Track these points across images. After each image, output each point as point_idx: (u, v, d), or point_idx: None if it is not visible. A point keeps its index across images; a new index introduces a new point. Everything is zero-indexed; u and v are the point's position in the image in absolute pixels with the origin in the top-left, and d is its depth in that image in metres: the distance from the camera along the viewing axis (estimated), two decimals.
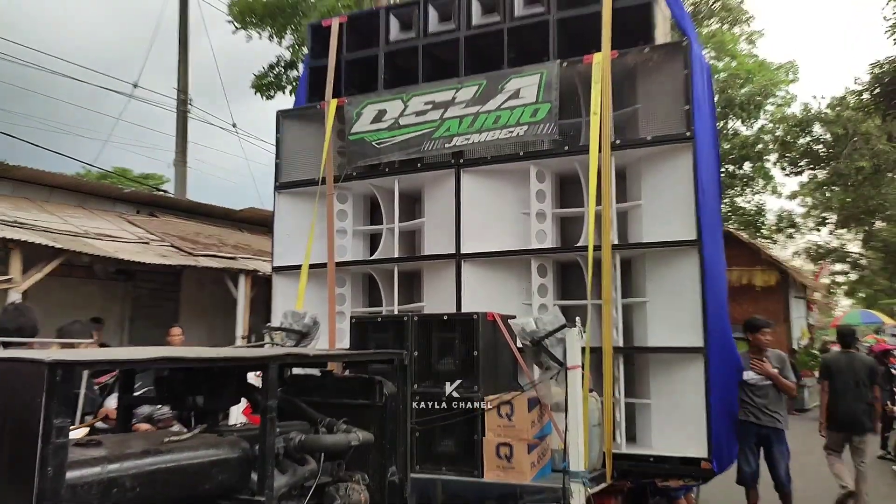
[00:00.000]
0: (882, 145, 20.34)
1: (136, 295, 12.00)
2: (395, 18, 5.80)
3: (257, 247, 13.24)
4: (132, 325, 11.80)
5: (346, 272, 5.75)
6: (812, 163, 23.32)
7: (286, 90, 18.86)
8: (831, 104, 22.25)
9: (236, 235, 13.75)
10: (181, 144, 18.29)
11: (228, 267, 10.88)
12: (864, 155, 20.95)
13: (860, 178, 21.87)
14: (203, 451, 2.61)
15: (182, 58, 18.45)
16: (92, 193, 12.06)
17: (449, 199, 5.34)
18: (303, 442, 3.04)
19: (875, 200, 22.74)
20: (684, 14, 5.14)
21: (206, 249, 11.35)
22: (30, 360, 2.01)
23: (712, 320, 4.55)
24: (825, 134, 22.49)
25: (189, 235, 11.99)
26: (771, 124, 27.92)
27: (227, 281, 11.06)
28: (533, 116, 5.00)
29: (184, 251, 10.77)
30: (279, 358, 2.92)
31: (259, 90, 18.79)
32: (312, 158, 5.93)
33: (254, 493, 2.76)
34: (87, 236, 9.83)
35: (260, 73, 18.81)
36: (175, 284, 12.55)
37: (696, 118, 4.64)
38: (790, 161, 23.62)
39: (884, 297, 38.02)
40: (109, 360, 2.63)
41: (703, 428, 4.43)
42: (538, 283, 5.05)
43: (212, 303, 12.51)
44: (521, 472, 4.21)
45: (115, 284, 11.52)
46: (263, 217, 14.93)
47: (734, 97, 24.08)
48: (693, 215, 4.57)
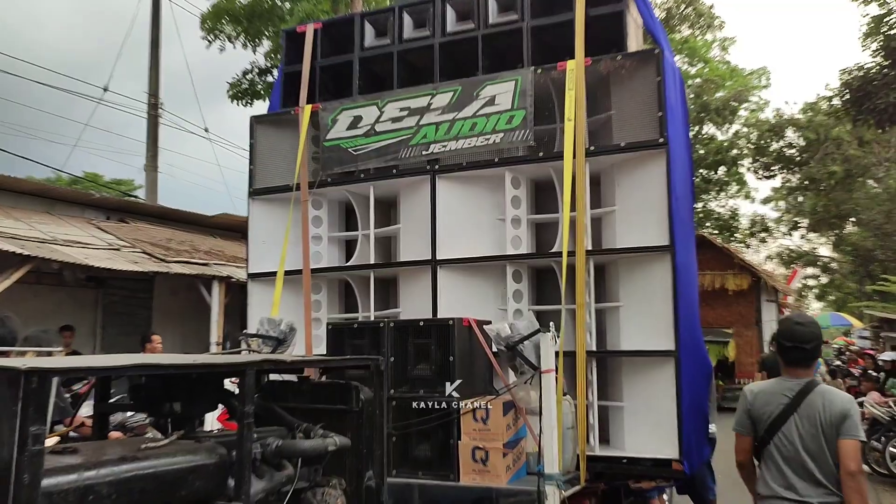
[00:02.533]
0: (853, 150, 20.85)
1: (108, 302, 11.93)
2: (369, 25, 5.82)
3: (231, 253, 13.28)
4: (104, 332, 11.74)
5: (321, 278, 5.75)
6: (785, 167, 23.85)
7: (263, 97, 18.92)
8: (803, 109, 22.79)
9: (209, 241, 13.72)
10: (152, 149, 18.29)
11: (201, 273, 10.89)
12: (835, 160, 21.46)
13: (832, 183, 22.38)
14: (180, 457, 2.62)
15: (153, 62, 18.47)
16: (60, 199, 12.00)
17: (424, 206, 5.36)
18: (280, 447, 3.05)
19: (846, 205, 23.25)
20: (656, 22, 5.23)
21: (178, 256, 11.33)
22: (5, 368, 2.00)
23: (684, 324, 4.62)
24: (798, 139, 22.94)
25: (161, 241, 12.03)
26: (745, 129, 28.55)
27: (200, 287, 11.10)
28: (508, 123, 5.05)
29: (155, 258, 10.76)
30: (256, 364, 2.92)
31: (235, 98, 18.87)
32: (287, 164, 5.92)
33: (230, 499, 2.77)
34: (56, 243, 9.77)
35: (234, 81, 18.94)
36: (147, 291, 12.51)
37: (669, 124, 4.71)
38: (763, 165, 24.16)
39: (853, 300, 38.85)
40: (84, 368, 2.62)
41: (675, 430, 4.49)
42: (513, 289, 5.09)
43: (185, 309, 12.49)
44: (497, 476, 4.24)
45: (85, 292, 11.44)
46: (237, 223, 14.99)
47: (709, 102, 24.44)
48: (666, 221, 4.63)
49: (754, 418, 3.53)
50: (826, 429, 3.29)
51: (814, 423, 3.32)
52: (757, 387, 3.69)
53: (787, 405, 3.39)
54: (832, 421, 3.28)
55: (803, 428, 3.35)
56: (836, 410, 3.29)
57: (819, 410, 3.32)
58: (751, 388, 3.70)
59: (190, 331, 12.55)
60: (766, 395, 3.52)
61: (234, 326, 13.64)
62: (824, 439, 3.29)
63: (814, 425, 3.32)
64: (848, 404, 3.33)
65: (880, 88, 12.67)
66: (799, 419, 3.36)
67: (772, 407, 3.45)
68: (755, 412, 3.53)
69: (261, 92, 19.04)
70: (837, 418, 3.27)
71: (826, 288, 42.33)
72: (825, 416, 3.30)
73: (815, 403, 3.34)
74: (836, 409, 3.29)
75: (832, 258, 34.44)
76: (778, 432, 3.40)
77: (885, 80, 12.66)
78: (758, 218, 31.16)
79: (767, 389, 3.58)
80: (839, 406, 3.31)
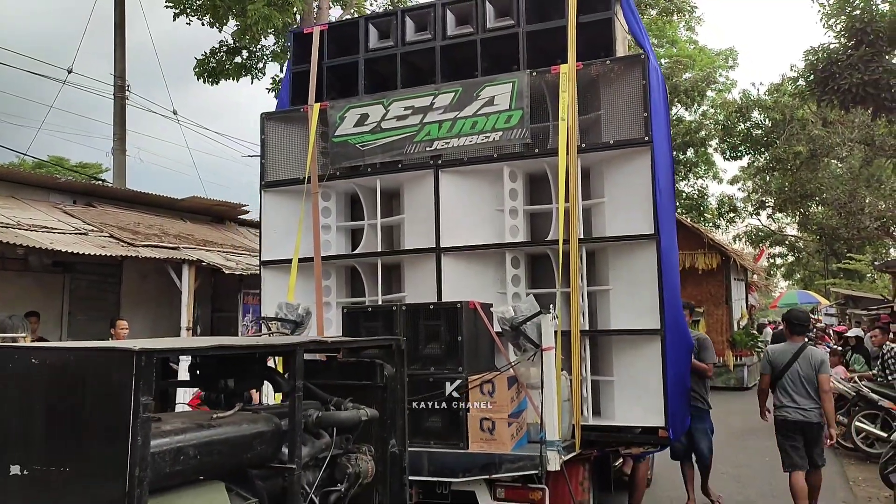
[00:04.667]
0: (817, 130, 20.95)
1: (75, 287, 11.57)
2: (373, 28, 6.20)
3: (201, 236, 13.00)
4: (71, 318, 11.39)
5: (331, 265, 6.16)
6: (751, 148, 23.83)
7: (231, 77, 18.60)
8: (769, 90, 22.83)
9: (179, 225, 13.49)
10: (119, 132, 17.86)
11: (171, 257, 10.66)
12: (800, 140, 21.59)
13: (797, 163, 22.54)
14: (245, 425, 3.05)
15: (119, 41, 17.89)
16: (24, 183, 11.67)
17: (427, 197, 5.78)
18: (320, 418, 3.50)
19: (811, 184, 23.44)
20: (642, 28, 5.67)
21: (147, 240, 11.15)
22: (121, 350, 2.42)
23: (668, 305, 5.11)
24: (764, 120, 23.02)
25: (129, 225, 11.79)
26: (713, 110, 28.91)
27: (170, 271, 10.84)
28: (507, 122, 5.48)
29: (124, 242, 10.59)
30: (304, 345, 3.35)
31: (201, 76, 18.40)
32: (296, 158, 6.31)
33: (283, 462, 3.20)
34: (20, 227, 9.55)
35: (202, 59, 18.38)
36: (116, 276, 12.22)
37: (653, 124, 5.17)
38: (730, 146, 24.14)
39: (819, 278, 39.60)
40: (179, 349, 3.01)
41: (661, 400, 5.00)
42: (512, 274, 5.54)
43: (155, 294, 12.30)
44: (503, 443, 4.72)
45: (52, 277, 11.10)
46: (206, 206, 14.75)
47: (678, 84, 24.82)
48: (651, 211, 5.11)
49: (774, 365, 6.01)
50: (814, 369, 5.82)
51: (806, 366, 5.84)
52: (774, 347, 6.41)
53: (793, 356, 5.92)
54: (815, 365, 5.85)
55: (801, 369, 5.86)
56: (818, 359, 5.91)
57: (809, 359, 5.88)
58: (771, 348, 6.53)
59: (160, 315, 12.33)
60: (780, 352, 6.09)
61: (204, 310, 13.56)
62: (813, 375, 5.81)
63: (806, 367, 5.84)
64: (824, 356, 6.06)
65: (844, 69, 12.85)
66: (799, 364, 5.88)
67: (784, 357, 5.96)
68: (774, 361, 6.04)
69: (228, 71, 18.60)
70: (818, 364, 5.87)
71: (793, 266, 43.15)
72: (812, 362, 5.86)
73: (807, 355, 5.90)
74: (818, 359, 5.92)
75: (798, 237, 35.03)
76: (787, 371, 5.89)
77: (849, 60, 12.84)
78: (726, 198, 31.62)
79: (780, 349, 6.16)
80: (819, 357, 5.96)
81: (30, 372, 2.52)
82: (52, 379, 2.50)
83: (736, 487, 7.60)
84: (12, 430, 2.52)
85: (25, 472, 2.48)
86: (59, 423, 2.47)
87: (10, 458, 2.49)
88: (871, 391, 9.02)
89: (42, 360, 2.54)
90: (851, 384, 9.41)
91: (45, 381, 2.50)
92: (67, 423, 2.45)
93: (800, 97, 17.58)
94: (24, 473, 2.48)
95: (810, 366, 5.81)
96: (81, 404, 2.44)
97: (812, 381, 5.78)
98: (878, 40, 12.72)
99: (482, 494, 4.81)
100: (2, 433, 2.53)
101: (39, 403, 2.50)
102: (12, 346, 2.77)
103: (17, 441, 2.50)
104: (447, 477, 4.79)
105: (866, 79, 12.59)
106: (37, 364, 2.53)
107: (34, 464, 2.47)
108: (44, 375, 2.50)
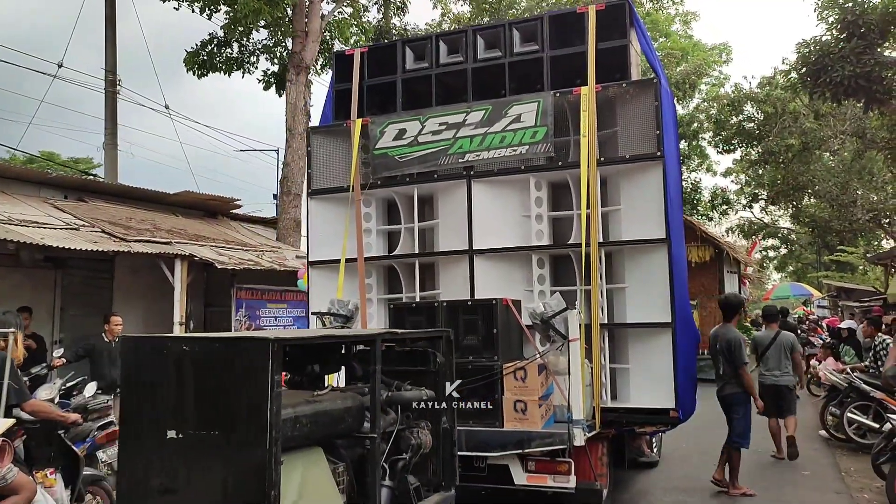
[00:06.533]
0: (809, 123, 20.87)
1: (67, 283, 11.41)
2: (410, 50, 6.85)
3: (193, 231, 12.87)
4: (63, 313, 11.20)
5: (371, 265, 6.82)
6: (744, 141, 23.55)
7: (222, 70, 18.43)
8: (761, 83, 22.70)
9: (171, 220, 13.41)
10: (111, 126, 17.62)
11: (163, 252, 10.54)
12: (792, 133, 21.37)
13: (789, 156, 22.37)
14: (338, 402, 3.74)
15: (110, 35, 17.65)
16: (15, 178, 11.55)
17: (460, 204, 6.44)
18: (390, 397, 4.18)
19: (803, 177, 23.35)
20: (654, 54, 6.32)
21: (139, 235, 11.00)
22: (259, 339, 3.09)
23: (677, 301, 5.78)
24: (756, 113, 22.77)
25: (121, 220, 11.67)
26: (705, 103, 28.75)
27: (162, 266, 10.72)
28: (533, 138, 6.14)
29: (115, 237, 10.46)
30: (382, 335, 4.03)
31: (191, 68, 18.23)
32: (339, 168, 6.96)
33: (365, 433, 3.86)
34: (11, 223, 9.42)
35: (192, 50, 18.16)
36: (108, 271, 12.07)
37: (664, 140, 5.83)
38: (723, 139, 23.90)
39: (812, 270, 39.77)
40: (300, 338, 3.67)
41: (671, 385, 5.67)
42: (537, 273, 6.21)
43: (147, 289, 12.12)
44: (534, 423, 5.40)
45: (44, 272, 10.94)
46: (199, 201, 14.52)
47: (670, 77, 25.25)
48: (663, 218, 5.77)
49: (758, 346, 8.38)
50: (785, 349, 8.18)
51: (781, 347, 8.18)
52: (758, 333, 9.11)
53: (771, 339, 8.26)
54: (787, 346, 8.22)
55: (779, 349, 8.17)
56: (789, 342, 8.28)
57: (783, 341, 8.22)
58: (756, 334, 9.59)
59: (152, 310, 12.15)
60: (762, 336, 8.53)
61: (197, 305, 13.32)
62: (785, 353, 8.16)
63: (781, 348, 8.17)
64: (793, 339, 8.42)
65: (836, 62, 12.72)
66: (775, 346, 8.18)
67: (765, 340, 8.31)
68: (758, 343, 8.43)
69: (219, 64, 18.40)
70: (789, 345, 8.24)
71: (786, 259, 43.23)
72: (785, 344, 8.20)
73: (780, 339, 8.22)
74: (789, 341, 8.29)
75: (791, 229, 35.14)
76: (767, 351, 8.21)
77: (841, 53, 12.71)
78: (719, 191, 31.57)
79: (762, 334, 8.63)
80: (790, 340, 8.34)
81: (182, 357, 3.19)
82: (202, 362, 3.18)
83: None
84: (168, 404, 3.19)
85: (180, 435, 3.15)
86: (207, 397, 3.15)
87: (167, 425, 3.18)
88: (864, 382, 8.99)
89: (192, 347, 3.22)
90: (844, 376, 9.48)
91: (195, 364, 3.18)
92: (215, 396, 3.14)
93: (792, 90, 17.47)
94: (179, 437, 3.16)
95: (784, 346, 8.20)
96: (227, 382, 3.12)
97: (787, 357, 8.17)
98: (869, 33, 12.63)
99: (515, 467, 5.50)
100: (159, 406, 3.21)
101: (190, 381, 3.17)
102: (167, 337, 3.44)
103: (173, 412, 3.18)
104: (484, 451, 5.47)
105: (858, 71, 12.54)
106: (188, 351, 3.21)
107: (188, 429, 3.14)
108: (194, 359, 3.18)
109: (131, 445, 3.28)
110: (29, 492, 4.37)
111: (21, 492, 4.32)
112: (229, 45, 18.47)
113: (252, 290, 12.75)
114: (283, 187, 16.39)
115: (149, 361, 3.30)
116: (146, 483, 3.20)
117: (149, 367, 3.28)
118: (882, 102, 13.44)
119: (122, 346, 3.48)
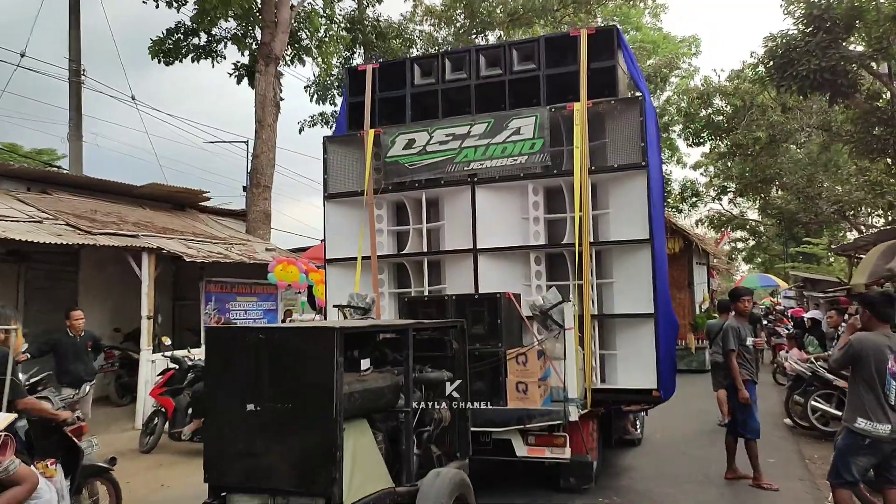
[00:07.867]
0: (777, 116, 21.05)
1: (31, 277, 11.33)
2: (418, 67, 7.53)
3: (161, 224, 12.72)
4: (27, 308, 10.97)
5: (383, 262, 7.50)
6: (713, 134, 23.62)
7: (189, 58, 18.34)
8: (730, 77, 22.88)
9: (138, 212, 13.28)
10: (75, 117, 17.36)
11: (130, 245, 10.39)
12: (760, 126, 21.60)
13: (757, 149, 22.69)
14: (380, 381, 4.43)
15: (73, 23, 17.30)
16: None
17: (464, 208, 7.14)
18: (417, 377, 4.88)
19: (771, 169, 23.69)
20: (639, 73, 7.06)
21: (104, 227, 10.83)
22: (327, 328, 3.78)
23: (659, 295, 6.54)
24: (725, 106, 22.91)
25: (86, 213, 11.46)
26: (676, 97, 29.10)
27: (129, 260, 10.59)
28: (531, 148, 6.86)
29: (80, 230, 10.28)
30: (412, 325, 4.74)
31: (156, 55, 18.07)
32: (352, 174, 7.64)
33: (400, 407, 4.57)
34: None
35: (158, 38, 18.02)
36: (73, 265, 11.97)
37: (648, 151, 6.56)
38: (693, 132, 23.86)
39: (779, 261, 40.26)
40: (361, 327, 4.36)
41: (654, 369, 6.43)
42: (535, 270, 6.95)
43: (114, 283, 12.03)
44: (534, 401, 6.14)
45: (6, 266, 10.87)
46: (166, 193, 14.45)
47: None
48: (647, 221, 6.51)
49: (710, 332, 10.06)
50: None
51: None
52: (711, 321, 11.51)
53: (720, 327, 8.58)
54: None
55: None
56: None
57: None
58: (709, 322, 11.86)
59: (120, 304, 12.14)
60: (715, 324, 10.11)
61: (165, 299, 13.30)
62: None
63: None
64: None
65: (802, 55, 12.98)
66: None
67: (716, 327, 9.64)
68: (710, 330, 10.24)
69: (185, 53, 18.32)
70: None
71: (754, 250, 43.66)
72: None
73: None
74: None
75: (759, 221, 35.46)
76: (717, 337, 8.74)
77: (807, 47, 12.97)
78: (689, 183, 32.06)
79: (716, 322, 10.30)
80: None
81: (259, 343, 3.88)
82: (276, 347, 3.86)
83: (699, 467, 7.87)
84: (247, 382, 3.88)
85: (258, 407, 3.84)
86: (281, 376, 3.84)
87: (247, 399, 3.86)
88: (827, 371, 9.08)
89: (268, 336, 3.91)
90: (807, 365, 9.60)
91: (270, 348, 3.86)
92: (287, 375, 3.83)
93: (759, 83, 17.67)
94: (257, 409, 3.85)
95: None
96: (298, 363, 3.81)
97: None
98: (835, 27, 12.93)
99: (517, 441, 6.25)
100: (241, 383, 3.90)
101: (266, 363, 3.86)
102: (244, 327, 4.12)
103: (251, 388, 3.87)
104: (490, 427, 6.20)
105: (824, 65, 12.84)
106: (264, 339, 3.89)
107: (265, 402, 3.83)
108: (269, 345, 3.87)
109: (217, 417, 3.97)
110: (31, 483, 4.45)
111: (23, 483, 4.39)
112: (196, 35, 18.26)
113: (221, 284, 12.64)
114: (253, 179, 16.41)
115: (230, 347, 3.99)
116: (230, 448, 3.89)
117: (230, 352, 3.97)
118: (847, 96, 13.73)
119: (207, 336, 4.17)
